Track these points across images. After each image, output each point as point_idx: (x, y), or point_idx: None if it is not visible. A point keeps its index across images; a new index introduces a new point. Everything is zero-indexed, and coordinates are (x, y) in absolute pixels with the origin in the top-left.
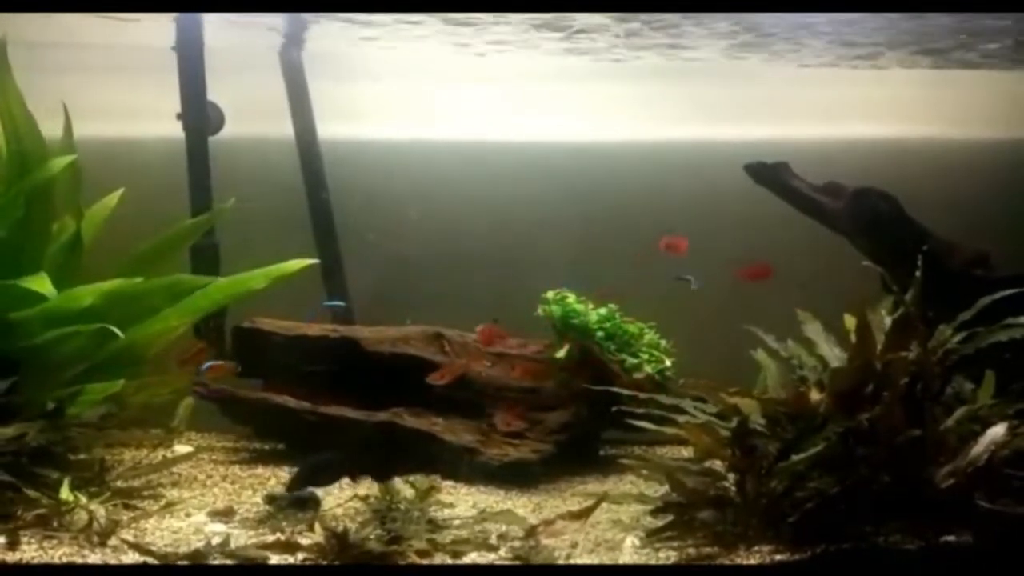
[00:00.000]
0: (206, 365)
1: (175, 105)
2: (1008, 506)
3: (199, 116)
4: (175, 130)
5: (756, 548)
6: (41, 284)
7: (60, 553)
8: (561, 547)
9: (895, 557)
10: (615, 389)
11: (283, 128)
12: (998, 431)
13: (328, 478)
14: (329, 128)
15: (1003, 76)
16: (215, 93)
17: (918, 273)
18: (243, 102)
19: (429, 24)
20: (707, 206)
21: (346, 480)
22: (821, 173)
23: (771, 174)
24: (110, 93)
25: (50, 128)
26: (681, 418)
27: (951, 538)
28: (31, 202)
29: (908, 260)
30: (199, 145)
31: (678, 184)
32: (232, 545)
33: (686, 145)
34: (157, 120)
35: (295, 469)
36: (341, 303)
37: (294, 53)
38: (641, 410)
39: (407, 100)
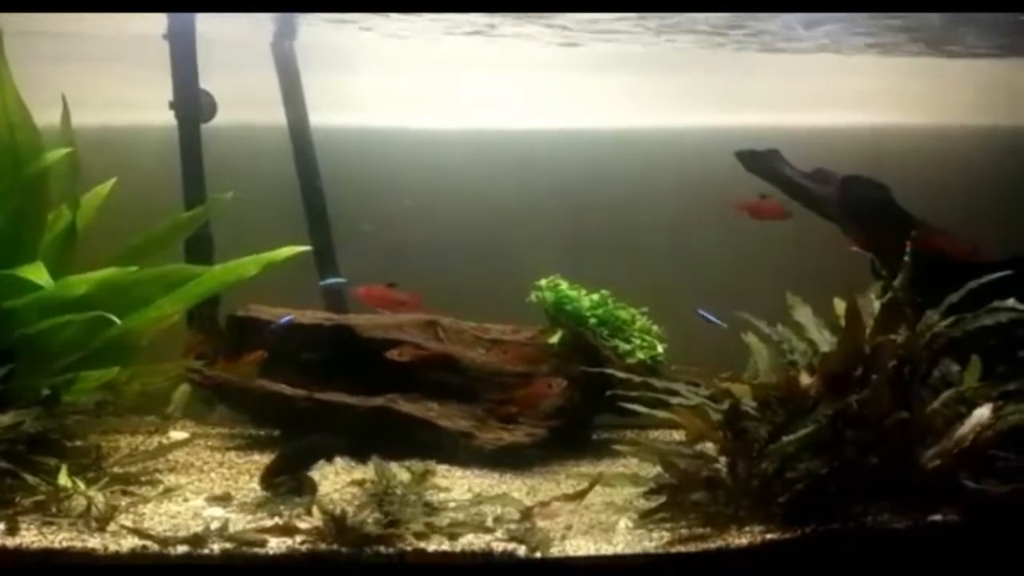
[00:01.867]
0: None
1: (167, 93)
2: (993, 486)
3: (191, 104)
4: (167, 118)
5: (747, 528)
6: (38, 274)
7: (60, 538)
8: (556, 529)
9: (883, 536)
10: (609, 371)
11: (276, 116)
12: (984, 413)
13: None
14: (322, 116)
15: (993, 64)
16: (207, 81)
17: (907, 259)
18: (235, 90)
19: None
20: (697, 193)
21: (341, 465)
22: (811, 160)
23: (762, 161)
24: (101, 81)
25: (40, 117)
26: (674, 400)
27: (938, 517)
28: (26, 192)
29: (896, 246)
30: (192, 133)
31: (669, 172)
32: (231, 529)
33: (677, 133)
34: (149, 108)
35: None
36: (341, 279)
37: (286, 42)
38: (635, 394)
39: (400, 88)
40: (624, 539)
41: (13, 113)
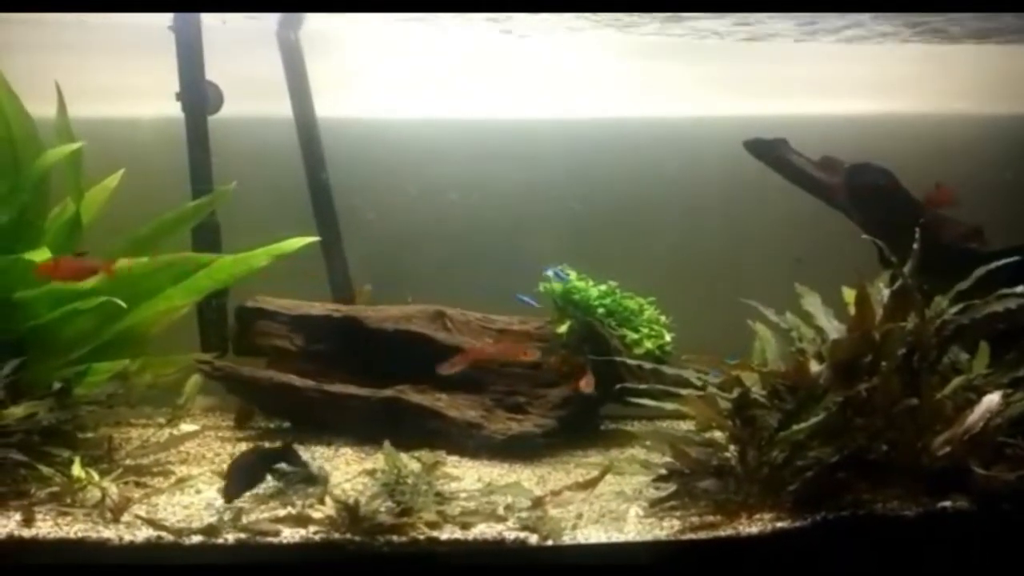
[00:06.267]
0: None
1: (173, 85)
2: (1003, 473)
3: (198, 96)
4: (174, 110)
5: (757, 516)
6: (43, 257)
7: (75, 529)
8: (567, 517)
9: (893, 523)
10: (619, 359)
11: (282, 108)
12: (993, 399)
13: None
14: (329, 106)
15: (998, 50)
16: (213, 72)
17: (916, 246)
18: (242, 81)
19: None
20: (705, 181)
21: (351, 454)
22: (819, 148)
23: (770, 150)
24: (107, 72)
25: (42, 109)
26: (684, 390)
27: (947, 504)
28: (30, 186)
29: (904, 233)
30: (199, 125)
31: (676, 159)
32: (244, 520)
33: (684, 121)
34: (156, 99)
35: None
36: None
37: (291, 33)
38: (643, 386)
39: (405, 78)
40: (635, 527)
41: (6, 104)
